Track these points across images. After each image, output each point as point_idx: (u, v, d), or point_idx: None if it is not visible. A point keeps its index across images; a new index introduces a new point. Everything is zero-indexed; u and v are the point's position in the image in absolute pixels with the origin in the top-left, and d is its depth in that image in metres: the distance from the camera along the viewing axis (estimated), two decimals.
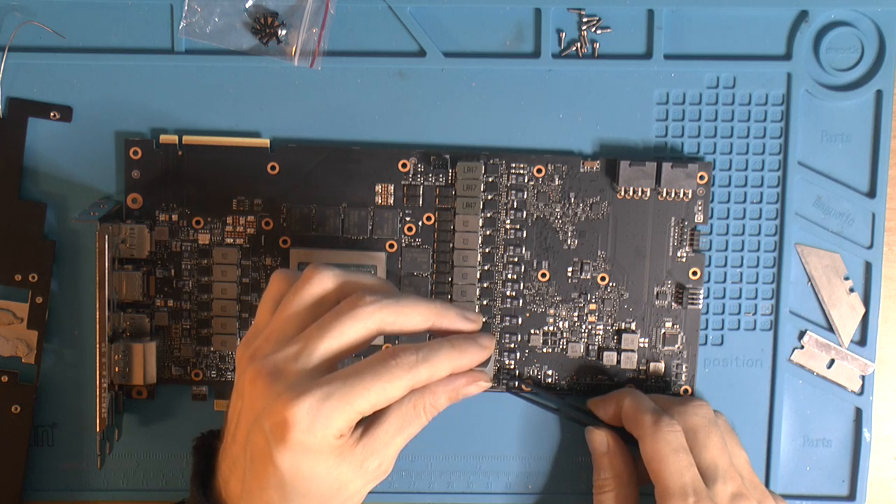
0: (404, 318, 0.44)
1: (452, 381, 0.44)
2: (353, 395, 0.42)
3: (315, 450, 0.42)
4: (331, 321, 0.43)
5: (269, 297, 0.46)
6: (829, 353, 0.56)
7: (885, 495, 0.58)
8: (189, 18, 0.54)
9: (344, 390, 0.42)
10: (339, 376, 0.42)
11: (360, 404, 0.42)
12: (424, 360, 0.43)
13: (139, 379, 0.53)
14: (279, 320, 0.45)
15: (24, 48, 0.54)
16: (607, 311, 0.55)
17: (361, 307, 0.43)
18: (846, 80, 0.55)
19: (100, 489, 0.56)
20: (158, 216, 0.54)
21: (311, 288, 0.45)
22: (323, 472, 0.43)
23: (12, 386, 0.55)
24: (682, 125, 0.55)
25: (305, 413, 0.41)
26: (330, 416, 0.41)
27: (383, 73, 0.55)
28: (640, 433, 0.51)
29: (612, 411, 0.53)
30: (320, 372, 0.43)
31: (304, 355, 0.43)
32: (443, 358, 0.44)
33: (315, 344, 0.43)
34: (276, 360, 0.43)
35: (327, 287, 0.45)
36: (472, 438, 0.56)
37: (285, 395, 0.42)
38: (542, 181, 0.54)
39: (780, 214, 0.55)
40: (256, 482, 0.44)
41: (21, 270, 0.54)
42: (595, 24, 0.54)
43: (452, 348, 0.44)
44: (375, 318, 0.44)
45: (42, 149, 0.55)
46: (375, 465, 0.44)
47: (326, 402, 0.41)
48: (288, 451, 0.42)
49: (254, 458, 0.43)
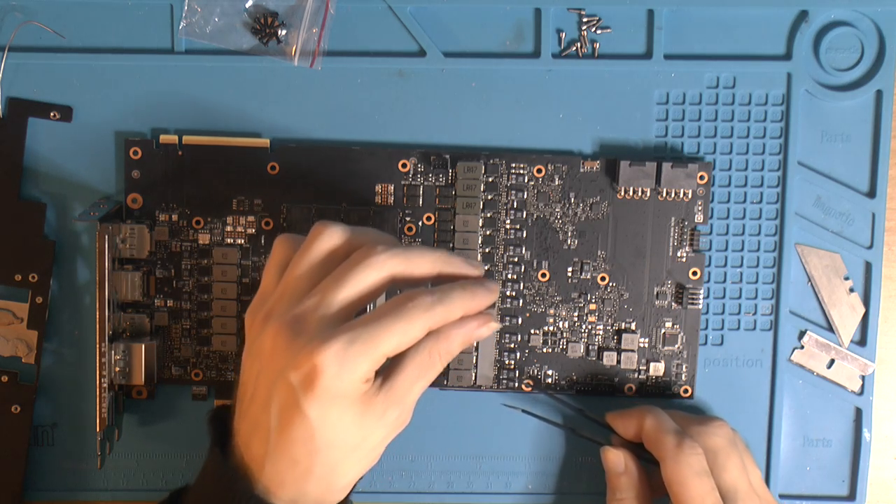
0: (414, 266, 0.45)
1: (465, 325, 0.45)
2: (377, 337, 0.43)
3: (343, 396, 0.43)
4: (345, 272, 0.44)
5: (275, 262, 0.47)
6: (829, 353, 0.56)
7: (885, 495, 0.58)
8: (189, 18, 0.54)
9: (368, 333, 0.42)
10: (361, 322, 0.43)
11: (384, 346, 0.43)
12: (440, 301, 0.44)
13: (139, 379, 0.53)
14: (291, 279, 0.45)
15: (24, 48, 0.54)
16: (607, 311, 0.55)
17: (374, 256, 0.44)
18: (846, 80, 0.55)
19: (100, 489, 0.56)
20: (158, 216, 0.54)
21: (321, 244, 0.46)
22: (349, 422, 0.43)
23: (12, 386, 0.55)
24: (682, 125, 0.55)
25: (333, 358, 0.42)
26: (357, 360, 0.42)
27: (383, 73, 0.55)
28: (661, 454, 0.51)
29: (633, 430, 0.53)
30: (340, 320, 0.44)
31: (324, 306, 0.44)
32: (456, 299, 0.45)
33: (333, 294, 0.44)
34: (296, 313, 0.44)
35: (336, 242, 0.46)
36: (472, 438, 0.56)
37: (311, 344, 0.42)
38: (542, 181, 0.54)
39: (780, 214, 0.55)
40: (283, 438, 0.44)
41: (21, 270, 0.54)
42: (595, 24, 0.54)
43: (464, 290, 0.45)
44: (388, 265, 0.44)
45: (42, 149, 0.55)
46: (396, 415, 0.45)
47: (352, 347, 0.42)
48: (317, 400, 0.43)
49: (280, 413, 0.44)
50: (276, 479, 0.44)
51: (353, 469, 0.45)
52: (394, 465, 0.56)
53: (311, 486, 0.45)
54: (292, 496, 0.45)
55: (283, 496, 0.45)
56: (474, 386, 0.55)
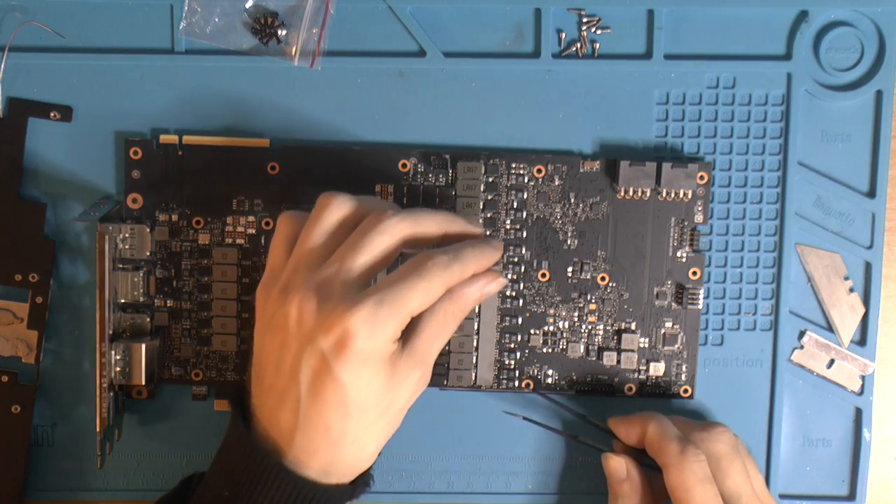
0: (423, 227, 0.47)
1: (475, 282, 0.47)
2: (403, 297, 0.44)
3: (374, 357, 0.44)
4: (361, 238, 0.46)
5: (282, 238, 0.48)
6: (829, 353, 0.56)
7: (885, 495, 0.58)
8: (189, 18, 0.54)
9: (394, 294, 0.44)
10: (386, 284, 0.44)
11: (410, 305, 0.44)
12: (455, 259, 0.46)
13: (139, 379, 0.53)
14: (303, 252, 0.46)
15: (24, 48, 0.54)
16: (607, 311, 0.55)
17: (386, 221, 0.46)
18: (846, 80, 0.55)
19: (100, 489, 0.56)
20: (158, 216, 0.54)
21: (331, 214, 0.47)
22: (378, 385, 0.45)
23: (12, 386, 0.55)
24: (682, 125, 0.55)
25: (363, 321, 0.43)
26: (386, 320, 0.44)
27: (383, 73, 0.55)
28: (665, 461, 0.50)
29: (636, 435, 0.53)
30: (363, 285, 0.45)
31: (345, 272, 0.45)
32: (469, 257, 0.46)
33: (352, 260, 0.45)
34: (319, 281, 0.45)
35: (346, 211, 0.47)
36: (472, 438, 0.56)
37: (340, 308, 0.43)
38: (542, 181, 0.54)
39: (780, 214, 0.55)
40: (315, 405, 0.45)
41: (21, 270, 0.54)
42: (595, 24, 0.54)
43: (475, 249, 0.47)
44: (400, 228, 0.46)
45: (42, 149, 0.55)
46: (418, 376, 0.46)
47: (381, 308, 0.43)
48: (349, 363, 0.44)
49: (312, 381, 0.44)
50: (308, 449, 0.45)
51: (382, 433, 0.47)
52: (394, 465, 0.56)
53: (343, 452, 0.46)
54: (324, 464, 0.46)
55: (314, 465, 0.46)
56: (474, 386, 0.55)
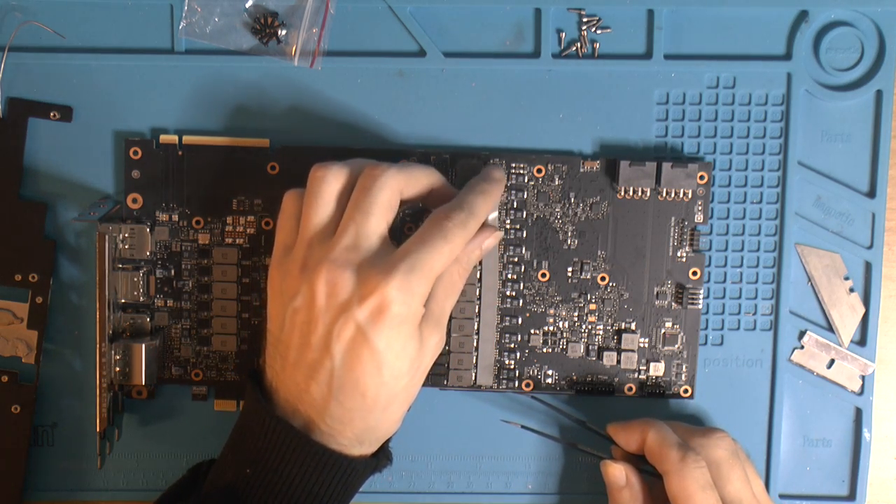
0: (415, 178, 0.48)
1: (475, 240, 0.48)
2: (431, 260, 0.45)
3: (409, 322, 0.45)
4: (363, 199, 0.46)
5: (289, 215, 0.49)
6: (829, 353, 0.56)
7: (885, 495, 0.58)
8: (189, 18, 0.54)
9: (423, 258, 0.45)
10: (412, 247, 0.45)
11: (437, 268, 0.46)
12: (470, 214, 0.47)
13: (139, 379, 0.53)
14: (311, 226, 0.47)
15: (24, 48, 0.54)
16: (607, 311, 0.55)
17: (381, 176, 0.47)
18: (846, 80, 0.55)
19: (100, 489, 0.56)
20: (158, 216, 0.54)
21: (328, 184, 0.47)
22: (411, 349, 0.46)
23: (12, 386, 0.55)
24: (682, 125, 0.55)
25: (398, 287, 0.44)
26: (419, 285, 0.45)
27: (383, 73, 0.55)
28: (665, 468, 0.50)
29: (636, 442, 0.53)
30: (384, 248, 0.46)
31: (363, 238, 0.46)
32: (480, 205, 0.48)
33: (365, 225, 0.46)
34: (340, 251, 0.45)
35: (341, 178, 0.48)
36: (472, 438, 0.56)
37: (374, 277, 0.44)
38: (542, 181, 0.54)
39: (780, 214, 0.55)
40: (351, 374, 0.45)
41: (21, 270, 0.54)
42: (595, 24, 0.54)
43: (483, 193, 0.48)
44: (397, 179, 0.47)
45: (42, 149, 0.55)
46: (437, 338, 0.47)
47: (413, 273, 0.45)
48: (386, 329, 0.45)
49: (347, 351, 0.45)
50: (343, 418, 0.46)
51: (409, 397, 0.48)
52: (394, 465, 0.56)
53: (376, 418, 0.47)
54: (358, 432, 0.47)
55: (348, 434, 0.46)
56: (474, 386, 0.55)
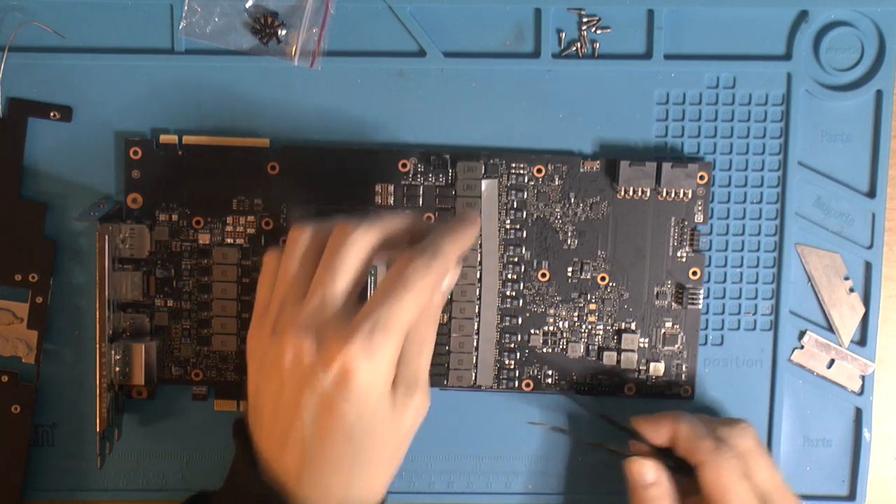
0: (388, 228, 0.45)
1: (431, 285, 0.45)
2: (394, 316, 0.43)
3: (377, 385, 0.43)
4: (331, 259, 0.44)
5: (266, 277, 0.47)
6: (829, 353, 0.56)
7: (885, 495, 0.58)
8: (189, 18, 0.54)
9: (384, 316, 0.42)
10: (374, 304, 0.43)
11: (403, 321, 0.43)
12: (434, 255, 0.44)
13: (139, 379, 0.53)
14: (284, 287, 0.45)
15: (24, 48, 0.54)
16: (607, 311, 0.55)
17: (350, 233, 0.44)
18: (846, 80, 0.55)
19: (100, 489, 0.56)
20: (158, 216, 0.54)
21: (300, 244, 0.45)
22: (383, 414, 0.43)
23: (12, 386, 0.55)
24: (682, 125, 0.55)
25: (360, 351, 0.42)
26: (383, 345, 0.42)
27: (383, 73, 0.55)
28: (700, 459, 0.50)
29: (665, 435, 0.52)
30: (350, 309, 0.43)
31: (329, 300, 0.43)
32: (447, 246, 0.45)
33: (332, 286, 0.44)
34: (307, 315, 0.43)
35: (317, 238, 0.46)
36: (472, 438, 0.56)
37: (335, 343, 0.42)
38: (542, 181, 0.54)
39: (780, 214, 0.55)
40: (322, 443, 0.43)
41: (21, 270, 0.54)
42: (595, 24, 0.54)
43: (452, 234, 0.45)
44: (366, 239, 0.44)
45: (42, 149, 0.55)
46: (415, 402, 0.45)
47: (375, 334, 0.42)
48: (353, 396, 0.42)
49: (316, 419, 0.43)
50: (318, 488, 0.44)
51: (391, 464, 0.45)
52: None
53: (354, 487, 0.44)
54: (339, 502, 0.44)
55: None
56: (474, 386, 0.55)
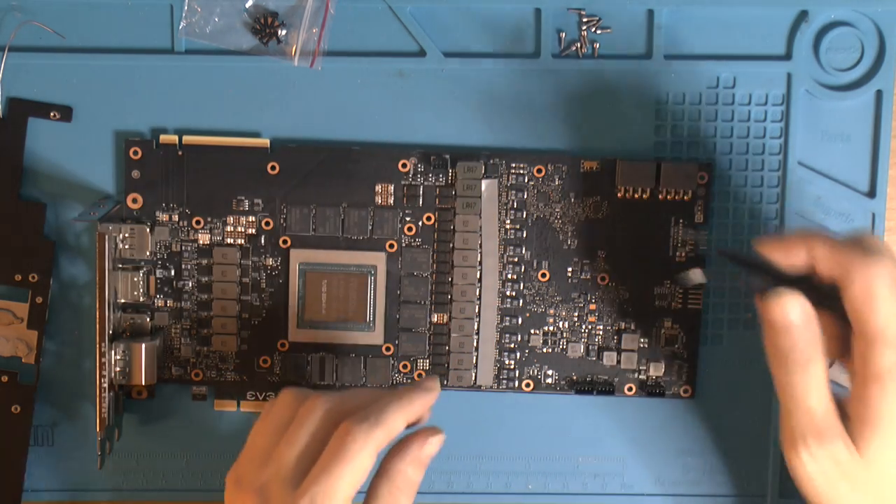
0: (350, 401, 0.45)
1: (409, 453, 0.44)
2: (333, 487, 0.42)
3: None
4: (292, 430, 0.44)
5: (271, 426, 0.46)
6: None
7: None
8: (189, 18, 0.54)
9: (323, 485, 0.42)
10: (313, 477, 0.42)
11: (344, 490, 0.42)
12: (376, 422, 0.43)
13: (139, 379, 0.53)
14: (252, 444, 0.46)
15: (24, 48, 0.54)
16: (607, 311, 0.55)
17: (312, 407, 0.44)
18: (846, 80, 0.55)
19: (100, 489, 0.56)
20: (158, 216, 0.54)
21: (276, 410, 0.46)
22: None
23: (12, 386, 0.55)
24: (682, 125, 0.55)
25: None
26: None
27: (383, 73, 0.55)
28: (849, 269, 0.42)
29: (803, 256, 0.44)
30: (299, 478, 0.43)
31: (282, 468, 0.43)
32: (392, 414, 0.44)
33: (286, 455, 0.44)
34: (262, 481, 0.44)
35: (289, 404, 0.46)
36: (472, 438, 0.56)
37: None
38: (542, 181, 0.54)
39: (780, 214, 0.55)
40: None
41: (21, 270, 0.54)
42: (595, 24, 0.54)
43: (400, 400, 0.45)
44: (325, 410, 0.44)
45: (42, 149, 0.55)
46: None
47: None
48: None
49: None
50: None
51: None
52: None
53: None
54: None
55: None
56: (474, 386, 0.55)
